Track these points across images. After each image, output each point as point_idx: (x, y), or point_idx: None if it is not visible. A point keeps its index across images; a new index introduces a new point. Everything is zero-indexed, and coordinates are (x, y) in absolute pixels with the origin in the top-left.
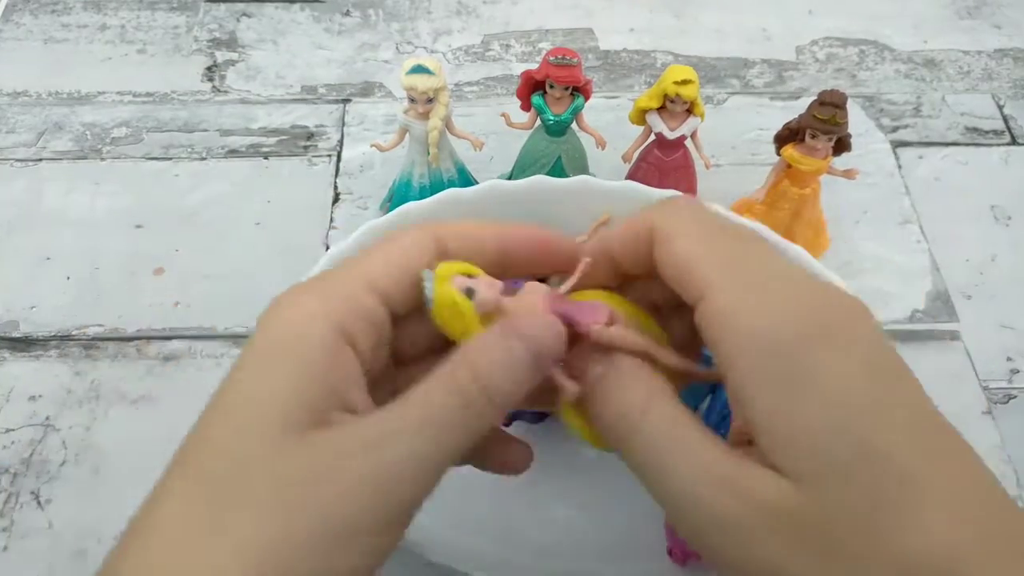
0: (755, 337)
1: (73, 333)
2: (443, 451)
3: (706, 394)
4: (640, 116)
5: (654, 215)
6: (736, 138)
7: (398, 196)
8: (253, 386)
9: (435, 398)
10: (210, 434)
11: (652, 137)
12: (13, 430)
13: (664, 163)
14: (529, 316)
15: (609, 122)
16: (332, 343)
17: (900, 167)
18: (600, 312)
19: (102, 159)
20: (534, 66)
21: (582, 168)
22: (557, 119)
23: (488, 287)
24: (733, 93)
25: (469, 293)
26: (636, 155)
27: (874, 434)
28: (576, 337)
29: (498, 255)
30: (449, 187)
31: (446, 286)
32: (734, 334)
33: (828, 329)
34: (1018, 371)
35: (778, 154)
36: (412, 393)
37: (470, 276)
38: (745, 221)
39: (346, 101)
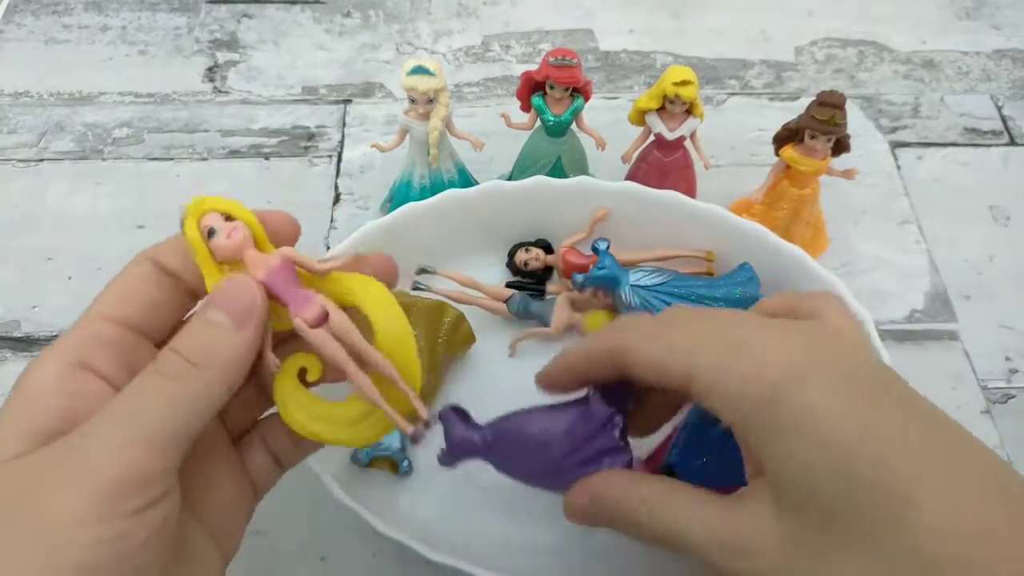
0: (744, 393)
1: None
2: (162, 421)
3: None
4: (639, 117)
5: (691, 361)
6: (735, 139)
7: (398, 197)
8: None
9: (141, 380)
10: None
11: (652, 138)
12: None
13: (663, 164)
14: (231, 283)
15: (609, 123)
16: (58, 374)
17: (899, 168)
18: (308, 306)
19: (103, 160)
20: (534, 67)
21: (582, 169)
22: (557, 120)
23: (234, 232)
24: (732, 94)
25: (209, 234)
26: (635, 156)
27: (861, 465)
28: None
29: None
30: (449, 187)
31: (190, 223)
32: (725, 392)
33: (803, 368)
34: (1017, 371)
35: (777, 155)
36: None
37: (228, 218)
38: (747, 222)
39: (347, 102)
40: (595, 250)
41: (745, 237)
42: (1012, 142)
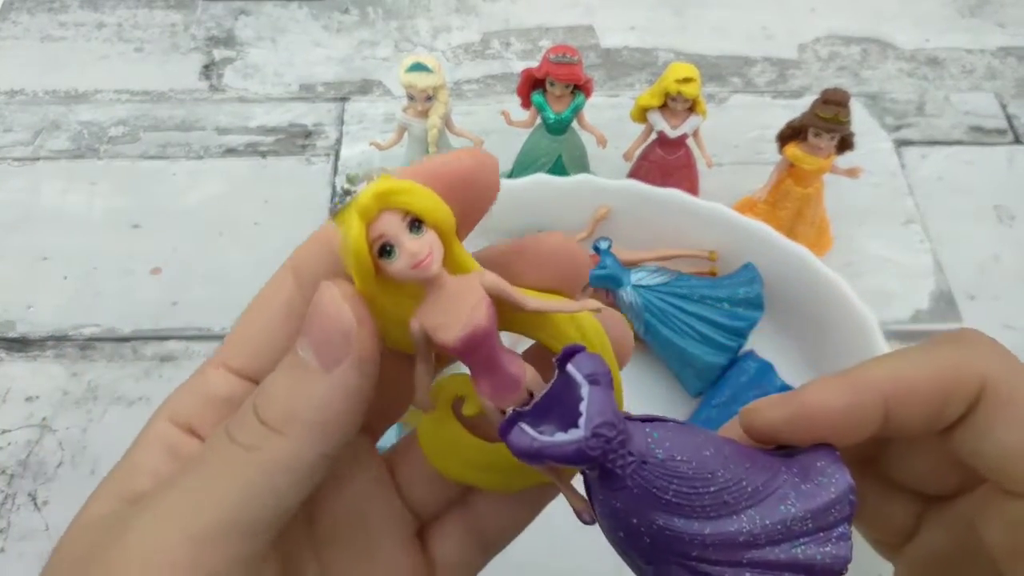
0: None
1: (70, 333)
2: (224, 509)
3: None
4: (641, 114)
5: (983, 364)
6: (738, 137)
7: None
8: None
9: (205, 451)
10: None
11: (654, 136)
12: (10, 431)
13: (666, 162)
14: (316, 299)
15: (610, 120)
16: (162, 433)
17: (903, 166)
18: (511, 391)
19: (99, 158)
20: (534, 64)
21: (583, 166)
22: (558, 117)
23: (429, 259)
24: (735, 91)
25: (385, 251)
26: (637, 153)
27: None
28: None
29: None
30: None
31: (356, 225)
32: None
33: None
34: None
35: (781, 153)
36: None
37: (417, 222)
38: (750, 221)
39: (344, 99)
40: (596, 249)
41: (748, 236)
42: (1017, 140)
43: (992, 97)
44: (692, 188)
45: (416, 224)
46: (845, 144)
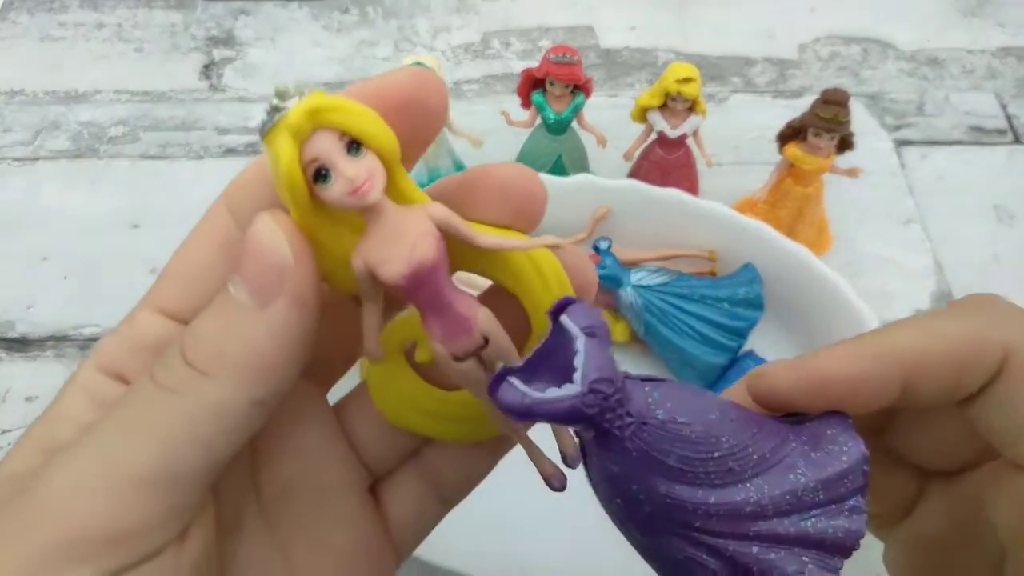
0: None
1: (70, 333)
2: (148, 455)
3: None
4: (641, 114)
5: (1006, 332)
6: (738, 137)
7: None
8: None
9: (130, 394)
10: None
11: (654, 135)
12: (10, 431)
13: (666, 161)
14: (250, 229)
15: (610, 120)
16: (88, 382)
17: (903, 166)
18: (463, 332)
19: (99, 158)
20: (534, 64)
21: (583, 167)
22: (558, 117)
23: (370, 184)
24: (735, 91)
25: (320, 175)
26: (637, 153)
27: None
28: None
29: None
30: None
31: (289, 146)
32: None
33: None
34: None
35: (781, 153)
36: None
37: (355, 144)
38: (750, 220)
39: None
40: (596, 249)
41: (748, 236)
42: (1017, 140)
43: (992, 97)
44: (692, 188)
45: (354, 146)
46: (845, 144)
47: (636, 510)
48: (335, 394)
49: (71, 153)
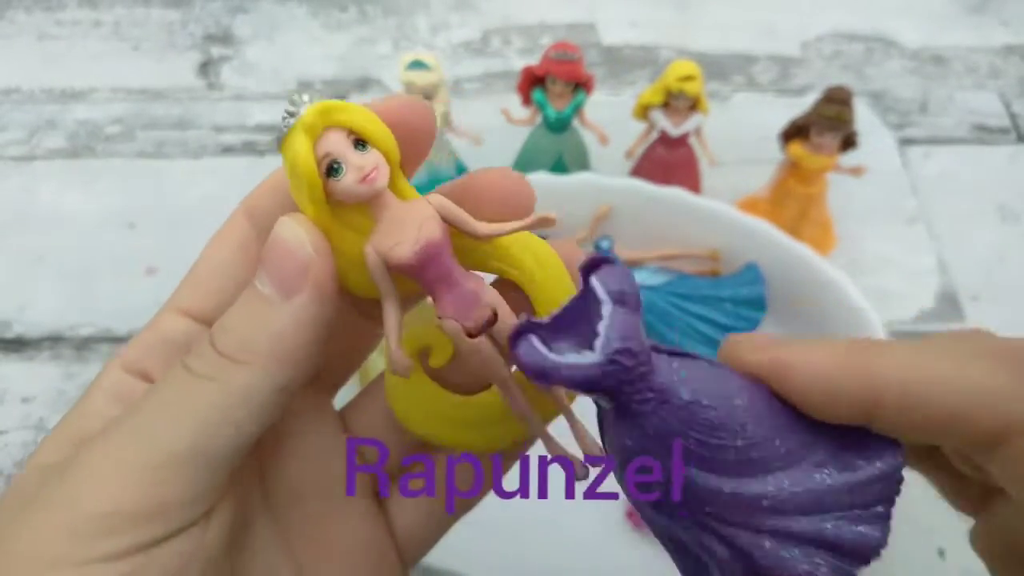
0: None
1: (66, 334)
2: (178, 438)
3: None
4: (643, 112)
5: (1011, 406)
6: (741, 135)
7: None
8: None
9: (163, 381)
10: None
11: (655, 134)
12: (6, 432)
13: (668, 160)
14: (276, 229)
15: (611, 118)
16: (114, 382)
17: (906, 165)
18: (473, 306)
19: (95, 157)
20: (535, 61)
21: (584, 165)
22: (558, 115)
23: (376, 173)
24: (738, 89)
25: (333, 169)
26: (639, 152)
27: None
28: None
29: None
30: None
31: (302, 142)
32: None
33: None
34: None
35: (784, 151)
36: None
37: (361, 141)
38: (753, 220)
39: (343, 97)
40: (597, 248)
41: (751, 235)
42: (1020, 139)
43: (996, 96)
44: (694, 187)
45: (360, 143)
46: (848, 142)
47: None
48: (337, 403)
49: (67, 152)
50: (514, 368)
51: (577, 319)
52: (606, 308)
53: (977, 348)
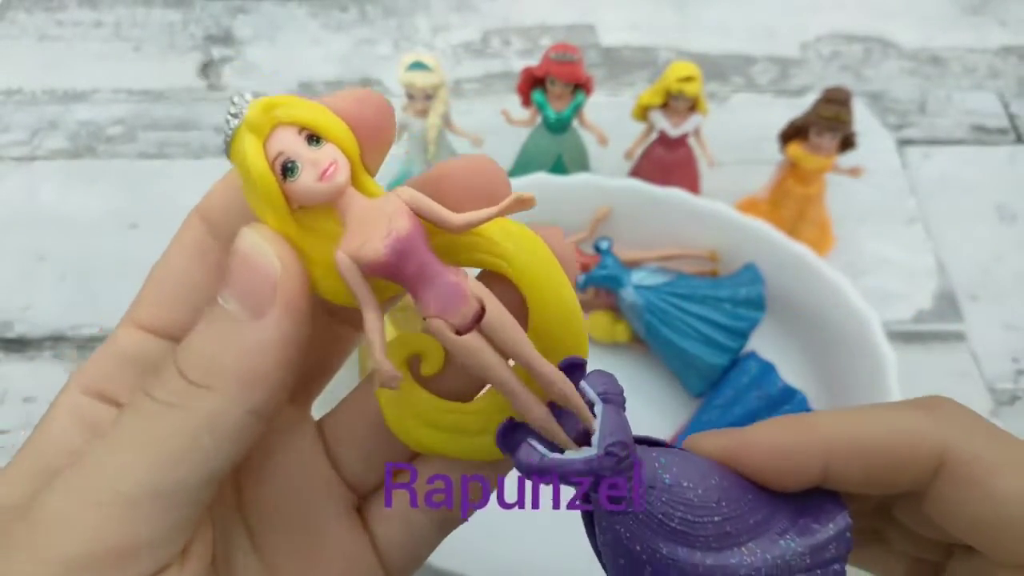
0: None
1: (68, 334)
2: (146, 472)
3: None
4: (643, 113)
5: (945, 434)
6: (740, 136)
7: None
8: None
9: (125, 412)
10: None
11: (655, 134)
12: (7, 432)
13: (667, 160)
14: (237, 242)
15: (611, 119)
16: (72, 405)
17: (905, 166)
18: (458, 302)
19: (97, 158)
20: (535, 62)
21: (583, 165)
22: (558, 116)
23: (334, 170)
24: (737, 90)
25: (287, 169)
26: (638, 152)
27: None
28: None
29: None
30: None
31: (253, 144)
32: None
33: None
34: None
35: (782, 152)
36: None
37: (315, 137)
38: (752, 220)
39: None
40: (597, 249)
41: (750, 236)
42: (1019, 140)
43: (994, 96)
44: (693, 187)
45: (314, 139)
46: (847, 143)
47: (638, 570)
48: (335, 399)
49: (69, 153)
50: (511, 361)
51: (565, 417)
52: (598, 407)
53: (911, 402)
